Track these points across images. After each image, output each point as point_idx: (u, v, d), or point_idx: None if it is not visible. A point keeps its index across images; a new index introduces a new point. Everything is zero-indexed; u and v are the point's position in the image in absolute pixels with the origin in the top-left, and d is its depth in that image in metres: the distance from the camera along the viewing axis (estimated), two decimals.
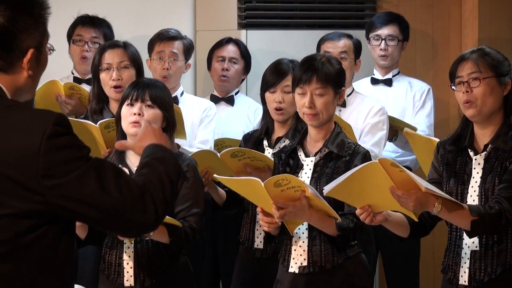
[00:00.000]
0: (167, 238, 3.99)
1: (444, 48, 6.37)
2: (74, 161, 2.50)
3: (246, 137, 4.72)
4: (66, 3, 5.80)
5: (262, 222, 3.95)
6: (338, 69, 4.11)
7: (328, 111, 4.05)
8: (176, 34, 5.33)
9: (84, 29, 5.47)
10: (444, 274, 3.87)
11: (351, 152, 4.04)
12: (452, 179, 3.83)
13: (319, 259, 4.01)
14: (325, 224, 3.92)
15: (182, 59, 5.30)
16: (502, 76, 3.80)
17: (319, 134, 4.09)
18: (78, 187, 2.48)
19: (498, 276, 3.73)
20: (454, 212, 3.63)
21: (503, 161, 3.74)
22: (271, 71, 4.59)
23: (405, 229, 3.80)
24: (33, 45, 2.62)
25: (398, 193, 3.54)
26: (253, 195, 3.94)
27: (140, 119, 4.06)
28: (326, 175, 4.01)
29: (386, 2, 6.26)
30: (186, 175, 4.08)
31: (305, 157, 4.10)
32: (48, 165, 2.46)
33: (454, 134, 3.91)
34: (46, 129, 2.48)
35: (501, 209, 3.63)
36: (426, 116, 5.62)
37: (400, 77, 5.72)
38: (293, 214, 3.83)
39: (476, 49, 3.85)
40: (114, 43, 4.86)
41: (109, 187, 2.51)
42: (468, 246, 3.78)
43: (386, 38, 5.62)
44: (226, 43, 5.54)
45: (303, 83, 4.04)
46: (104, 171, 2.52)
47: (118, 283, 4.08)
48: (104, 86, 4.72)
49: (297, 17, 6.16)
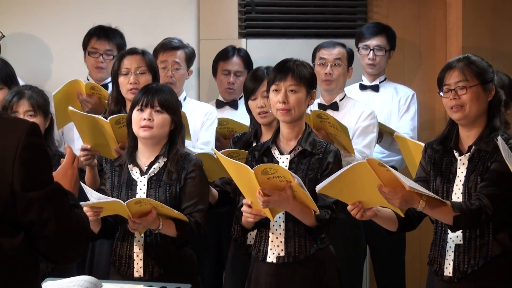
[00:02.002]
0: (175, 232, 4.02)
1: (430, 56, 6.37)
2: (45, 177, 2.46)
3: (234, 140, 4.69)
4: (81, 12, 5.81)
5: (246, 214, 3.95)
6: (310, 72, 4.15)
7: (300, 108, 4.07)
8: (178, 44, 5.33)
9: (99, 42, 5.45)
10: (430, 266, 3.89)
11: (323, 150, 4.07)
12: (438, 178, 3.85)
13: (293, 250, 4.04)
14: (305, 215, 3.94)
15: (184, 67, 5.30)
16: (486, 83, 3.80)
17: (292, 133, 4.11)
18: (43, 205, 2.44)
19: (480, 268, 3.75)
20: (438, 209, 3.65)
21: (485, 161, 3.75)
22: (249, 79, 4.61)
23: (393, 224, 3.82)
24: None
25: (384, 191, 3.56)
26: (242, 180, 3.92)
27: (150, 124, 4.08)
28: (302, 171, 4.04)
29: (377, 13, 6.25)
30: (192, 174, 4.12)
31: (280, 154, 4.12)
32: (23, 177, 2.40)
33: (441, 136, 3.92)
34: (21, 140, 2.41)
35: (481, 205, 3.65)
36: (410, 120, 5.63)
37: (386, 83, 5.72)
38: (277, 203, 3.84)
39: (462, 58, 3.85)
40: (132, 50, 4.83)
41: (62, 216, 2.48)
42: (453, 240, 3.80)
43: (374, 49, 5.62)
44: (231, 56, 5.53)
45: (278, 80, 4.07)
46: (64, 198, 2.50)
47: (128, 274, 4.08)
48: (122, 89, 4.70)
49: (294, 27, 6.13)
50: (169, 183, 4.11)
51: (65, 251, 2.54)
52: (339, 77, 5.25)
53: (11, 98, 4.45)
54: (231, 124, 5.08)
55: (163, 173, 4.13)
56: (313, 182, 3.96)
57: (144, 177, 4.15)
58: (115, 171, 4.22)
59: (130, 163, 4.17)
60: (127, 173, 4.16)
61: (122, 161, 4.20)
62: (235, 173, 3.94)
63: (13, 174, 2.40)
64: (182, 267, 4.11)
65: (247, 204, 3.94)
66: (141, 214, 3.93)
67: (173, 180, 4.11)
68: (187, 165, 4.13)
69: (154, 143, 4.16)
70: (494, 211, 3.68)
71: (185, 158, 4.15)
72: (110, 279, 4.02)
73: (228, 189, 4.46)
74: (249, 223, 4.05)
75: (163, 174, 4.13)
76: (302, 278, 4.03)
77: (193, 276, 4.11)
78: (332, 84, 5.20)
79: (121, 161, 4.21)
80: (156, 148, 4.17)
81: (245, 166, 3.80)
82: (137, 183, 4.14)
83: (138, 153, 4.19)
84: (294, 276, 4.03)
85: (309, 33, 6.12)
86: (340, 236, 4.27)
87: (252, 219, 3.97)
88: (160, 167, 4.15)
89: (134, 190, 4.13)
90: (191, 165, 4.12)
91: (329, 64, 5.23)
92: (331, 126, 4.62)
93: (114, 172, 4.22)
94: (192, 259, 4.19)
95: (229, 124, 5.08)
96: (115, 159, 4.29)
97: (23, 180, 2.41)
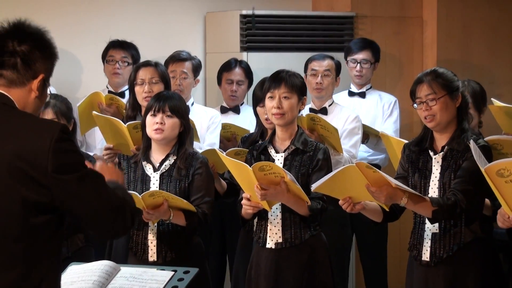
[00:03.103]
0: (184, 221, 4.02)
1: (409, 67, 6.36)
2: (76, 164, 2.48)
3: (243, 139, 4.72)
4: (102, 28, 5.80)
5: (245, 207, 3.97)
6: (301, 81, 4.17)
7: (292, 112, 4.07)
8: (186, 56, 5.31)
9: (115, 51, 5.45)
10: (410, 252, 3.89)
11: (314, 149, 4.07)
12: (416, 174, 3.84)
13: (289, 236, 4.04)
14: (299, 205, 3.95)
15: (191, 77, 5.28)
16: (453, 92, 3.79)
17: (286, 134, 4.11)
18: (78, 185, 2.46)
19: (454, 253, 3.76)
20: (418, 204, 3.67)
21: (457, 160, 3.76)
22: (258, 89, 4.60)
23: (379, 216, 3.82)
24: (43, 72, 2.58)
25: (372, 190, 3.58)
26: (241, 177, 3.94)
27: (162, 127, 4.10)
28: (295, 167, 4.05)
29: (362, 30, 6.23)
30: (199, 171, 4.13)
31: (276, 153, 4.12)
32: (56, 163, 2.43)
33: (417, 138, 3.92)
34: (54, 134, 2.45)
35: (456, 200, 3.66)
36: (393, 123, 5.61)
37: (372, 91, 5.69)
38: (273, 196, 3.86)
39: (429, 72, 3.83)
40: (146, 62, 4.85)
41: (101, 192, 2.49)
42: (430, 229, 3.80)
43: (361, 62, 5.58)
44: (234, 67, 5.52)
45: (273, 89, 4.08)
46: (97, 179, 2.51)
47: (144, 259, 4.09)
48: (138, 97, 4.72)
49: (289, 41, 6.12)
50: (179, 178, 4.12)
51: (102, 225, 2.53)
52: (328, 85, 5.24)
53: None
54: (233, 128, 5.09)
55: (173, 170, 4.14)
56: (305, 176, 4.00)
57: (156, 173, 4.16)
58: (131, 167, 4.22)
59: (144, 161, 4.19)
60: (141, 169, 4.18)
61: (137, 159, 4.22)
62: (236, 170, 3.96)
63: (47, 162, 2.42)
64: (191, 253, 4.12)
65: (246, 197, 3.95)
66: (154, 205, 3.95)
67: (182, 176, 4.12)
68: (194, 162, 4.14)
69: (165, 143, 4.16)
70: (467, 204, 3.68)
71: (193, 157, 4.17)
72: (127, 263, 4.03)
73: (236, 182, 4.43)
74: (248, 214, 4.05)
75: (173, 170, 4.14)
76: (297, 260, 4.04)
77: (201, 261, 4.10)
78: (322, 92, 5.20)
79: (136, 158, 4.23)
80: (167, 147, 4.18)
81: (244, 164, 3.84)
82: (150, 178, 4.16)
83: (151, 152, 4.20)
84: (290, 259, 4.05)
85: (302, 47, 6.11)
86: (329, 225, 4.27)
87: (251, 211, 3.99)
88: (171, 164, 4.16)
89: (148, 184, 4.14)
90: (198, 162, 4.14)
91: (320, 74, 5.21)
92: (322, 128, 4.62)
93: (130, 168, 4.23)
94: (200, 246, 4.20)
95: (232, 128, 5.09)
96: (131, 157, 4.30)
97: (57, 166, 2.43)
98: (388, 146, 4.49)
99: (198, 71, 5.37)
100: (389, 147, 4.47)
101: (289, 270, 4.03)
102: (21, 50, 2.53)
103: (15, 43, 2.53)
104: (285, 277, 4.04)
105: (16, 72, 2.53)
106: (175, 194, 4.02)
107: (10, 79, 2.54)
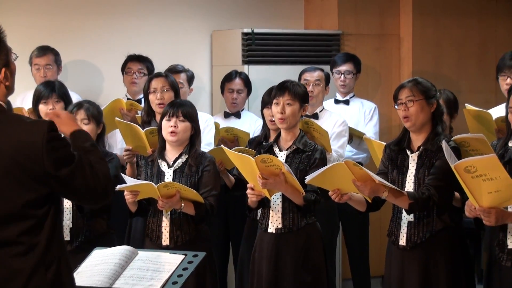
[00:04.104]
0: (193, 211, 4.02)
1: (388, 78, 6.36)
2: (68, 157, 2.46)
3: (250, 141, 4.74)
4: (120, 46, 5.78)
5: (250, 195, 3.98)
6: (303, 90, 4.17)
7: (294, 118, 4.08)
8: (181, 69, 5.28)
9: (133, 63, 5.45)
10: (389, 237, 3.90)
11: (312, 149, 4.08)
12: (395, 171, 3.86)
13: (288, 223, 4.05)
14: (295, 195, 3.96)
15: (186, 86, 5.26)
16: (429, 98, 3.81)
17: (289, 135, 4.12)
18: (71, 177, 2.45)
19: (427, 239, 3.77)
20: (397, 198, 3.69)
21: (431, 159, 3.77)
22: (266, 94, 4.62)
23: (363, 206, 3.83)
24: (2, 65, 2.49)
25: (357, 184, 3.59)
26: (245, 168, 3.95)
27: (176, 130, 4.10)
28: (295, 164, 4.05)
29: (347, 46, 6.23)
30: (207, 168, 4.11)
31: (279, 151, 4.13)
32: (51, 161, 2.41)
33: (397, 139, 3.93)
34: (44, 135, 2.41)
35: (430, 195, 3.68)
36: (373, 126, 5.60)
37: (355, 99, 5.68)
38: (273, 185, 3.87)
39: (411, 80, 3.88)
40: (158, 73, 4.84)
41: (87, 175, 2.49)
42: (406, 218, 3.81)
43: (344, 73, 5.58)
44: (234, 78, 5.49)
45: (278, 96, 4.09)
46: (85, 163, 2.49)
47: (158, 243, 4.09)
48: (152, 104, 4.71)
49: (284, 56, 6.11)
50: (190, 174, 4.11)
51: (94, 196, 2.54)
52: (318, 94, 5.24)
53: (72, 108, 4.40)
54: (235, 131, 5.06)
55: (185, 166, 4.13)
56: (303, 172, 3.99)
57: (170, 169, 4.15)
58: (148, 165, 4.22)
59: (160, 159, 4.19)
60: (157, 166, 4.17)
61: (154, 157, 4.22)
62: (240, 163, 3.97)
63: (43, 160, 2.40)
64: (199, 239, 4.12)
65: (250, 187, 3.96)
66: (168, 196, 3.95)
67: (193, 172, 4.11)
68: (203, 161, 4.14)
69: (178, 144, 4.17)
70: (439, 198, 3.70)
71: (202, 156, 4.17)
72: (144, 247, 4.03)
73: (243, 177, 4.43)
74: (253, 202, 4.05)
75: (185, 167, 4.13)
76: (294, 245, 4.05)
77: (208, 246, 4.09)
78: (313, 99, 5.17)
79: (153, 157, 4.23)
80: (180, 148, 4.18)
81: (248, 157, 3.85)
82: (165, 173, 4.15)
83: (166, 152, 4.20)
84: (288, 244, 4.06)
85: (295, 61, 6.10)
86: (320, 215, 4.27)
87: (255, 199, 4.00)
88: (183, 162, 4.15)
89: (163, 179, 4.13)
90: (206, 161, 4.14)
91: (311, 84, 5.21)
92: (315, 131, 4.63)
93: (147, 165, 4.22)
94: (207, 233, 4.19)
95: (234, 131, 5.07)
96: (148, 156, 4.31)
97: (53, 164, 2.41)
98: (371, 148, 4.50)
99: (191, 81, 5.37)
100: (371, 148, 4.48)
101: (288, 253, 4.04)
102: None
103: None
104: (284, 259, 4.05)
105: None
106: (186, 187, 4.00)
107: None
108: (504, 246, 3.58)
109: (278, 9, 6.36)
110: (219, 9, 6.19)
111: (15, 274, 2.42)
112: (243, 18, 6.22)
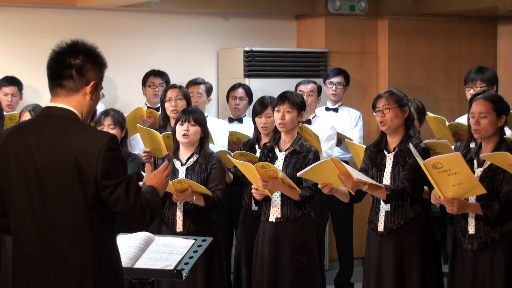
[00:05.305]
0: (203, 203, 4.02)
1: (368, 89, 6.36)
2: (118, 172, 2.38)
3: (244, 143, 4.72)
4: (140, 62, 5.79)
5: (254, 194, 4.01)
6: (301, 100, 4.17)
7: (292, 123, 4.09)
8: (201, 81, 5.29)
9: (155, 78, 5.45)
10: (369, 224, 3.90)
11: (307, 150, 4.08)
12: (374, 168, 3.86)
13: (286, 213, 4.06)
14: (292, 193, 3.98)
15: (205, 96, 5.26)
16: (402, 106, 3.82)
17: (287, 138, 4.13)
18: (113, 189, 2.36)
19: (401, 226, 3.77)
20: (376, 190, 3.70)
21: (405, 158, 3.78)
22: (258, 104, 4.60)
23: (347, 197, 3.84)
24: (94, 79, 2.46)
25: (342, 178, 3.60)
26: (249, 173, 3.99)
27: (188, 133, 4.11)
28: (292, 163, 4.06)
29: (333, 62, 6.23)
30: (215, 166, 4.12)
31: (279, 152, 4.13)
32: (103, 169, 2.34)
33: (376, 141, 3.94)
34: (104, 144, 2.35)
35: (404, 187, 3.69)
36: (358, 131, 5.61)
37: (343, 107, 5.68)
38: (272, 186, 3.90)
39: (387, 91, 3.90)
40: (173, 85, 4.87)
41: (130, 196, 2.38)
42: (384, 208, 3.81)
43: (336, 84, 5.59)
44: (237, 87, 5.50)
45: (279, 104, 4.10)
46: (130, 185, 2.39)
47: (173, 230, 4.10)
48: (167, 111, 4.73)
49: (280, 70, 6.12)
50: (200, 171, 4.12)
51: (133, 221, 2.43)
52: (311, 103, 5.24)
53: (100, 115, 4.42)
54: (238, 135, 5.06)
55: (196, 164, 4.15)
56: (300, 170, 3.94)
57: (183, 167, 4.17)
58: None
59: (174, 158, 4.20)
60: (172, 165, 4.18)
61: (169, 157, 4.25)
62: (244, 169, 4.00)
63: (97, 167, 2.35)
64: (208, 226, 4.12)
65: (254, 188, 4.00)
66: (181, 190, 3.96)
67: (203, 169, 4.13)
68: (211, 159, 4.15)
69: (190, 146, 4.18)
70: (412, 190, 3.71)
71: (210, 155, 4.18)
72: (161, 233, 4.01)
73: (239, 174, 4.44)
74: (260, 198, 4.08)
75: (196, 165, 4.15)
76: (292, 232, 4.07)
77: (215, 232, 4.10)
78: (307, 107, 5.09)
79: (168, 157, 4.26)
80: (191, 148, 4.19)
81: (250, 164, 3.88)
82: (178, 171, 4.17)
83: (179, 152, 4.22)
84: (286, 230, 4.07)
85: (289, 75, 6.11)
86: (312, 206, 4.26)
87: (259, 197, 4.04)
88: (194, 161, 4.17)
89: (177, 175, 4.14)
90: (214, 160, 4.15)
91: (306, 94, 5.19)
92: (308, 135, 4.61)
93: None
94: (215, 222, 4.19)
95: (237, 134, 5.06)
96: (164, 156, 4.34)
97: (103, 172, 2.35)
98: (353, 150, 4.51)
99: (210, 92, 5.37)
100: (353, 150, 4.49)
101: (286, 238, 4.06)
102: (75, 63, 2.43)
103: (70, 58, 2.43)
104: (283, 243, 4.06)
105: (72, 81, 2.42)
106: (196, 183, 4.03)
107: (68, 87, 2.42)
108: (465, 232, 3.60)
109: (274, 31, 6.38)
110: (224, 30, 6.21)
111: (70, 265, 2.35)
112: (244, 38, 6.23)
